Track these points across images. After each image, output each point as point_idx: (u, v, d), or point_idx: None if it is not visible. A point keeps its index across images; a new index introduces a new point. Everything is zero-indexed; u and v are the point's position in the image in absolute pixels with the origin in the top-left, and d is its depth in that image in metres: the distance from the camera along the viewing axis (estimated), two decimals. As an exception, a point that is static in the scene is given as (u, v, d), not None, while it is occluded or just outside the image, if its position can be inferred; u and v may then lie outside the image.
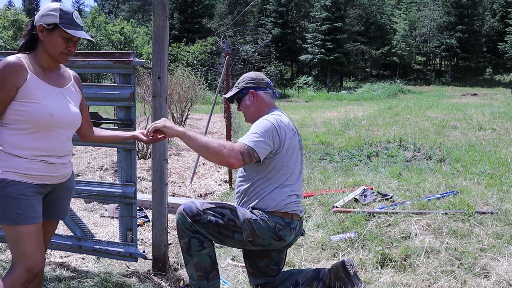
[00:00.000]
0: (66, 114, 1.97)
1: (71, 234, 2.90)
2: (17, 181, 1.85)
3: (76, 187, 2.79)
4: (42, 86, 1.92)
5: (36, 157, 1.90)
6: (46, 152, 1.93)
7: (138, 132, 2.31)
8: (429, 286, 2.59)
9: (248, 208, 2.28)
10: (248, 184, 2.30)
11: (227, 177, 5.55)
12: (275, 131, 2.19)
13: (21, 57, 1.90)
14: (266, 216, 2.22)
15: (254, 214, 2.23)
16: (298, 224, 2.33)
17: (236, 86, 2.45)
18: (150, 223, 3.51)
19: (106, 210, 4.24)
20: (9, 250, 3.19)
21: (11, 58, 1.88)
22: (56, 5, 1.95)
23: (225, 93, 3.83)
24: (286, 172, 2.27)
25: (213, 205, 2.26)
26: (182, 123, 10.75)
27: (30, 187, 1.88)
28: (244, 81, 2.42)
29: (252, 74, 2.47)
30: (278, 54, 41.71)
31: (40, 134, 1.90)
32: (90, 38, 1.98)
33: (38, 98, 1.89)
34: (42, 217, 1.93)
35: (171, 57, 30.99)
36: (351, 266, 2.32)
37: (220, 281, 2.47)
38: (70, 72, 2.14)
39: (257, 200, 2.27)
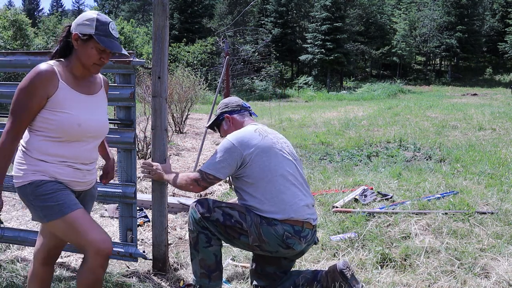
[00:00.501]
0: (94, 124, 1.97)
1: (71, 234, 2.89)
2: (46, 180, 1.88)
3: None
4: (72, 95, 1.91)
5: (62, 163, 1.92)
6: (72, 159, 1.94)
7: (109, 165, 2.39)
8: (429, 286, 2.59)
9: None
10: (243, 199, 2.30)
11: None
12: (233, 146, 2.27)
13: (53, 65, 1.89)
14: (276, 222, 2.20)
15: (264, 220, 2.21)
16: (309, 233, 2.28)
17: (214, 114, 2.61)
18: (150, 223, 3.51)
19: (106, 210, 4.24)
20: (9, 250, 3.19)
21: (43, 66, 1.86)
22: (93, 14, 1.92)
23: (225, 93, 3.84)
24: (270, 176, 2.24)
25: (224, 205, 2.28)
26: (182, 123, 10.74)
27: (60, 183, 1.91)
28: (219, 108, 2.57)
29: (226, 100, 2.61)
30: (278, 54, 41.71)
31: (67, 143, 1.91)
32: (125, 52, 1.97)
33: (67, 107, 1.88)
34: None
35: (171, 57, 30.99)
36: (348, 269, 2.30)
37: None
38: (101, 77, 2.13)
39: (259, 210, 2.24)
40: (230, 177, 2.39)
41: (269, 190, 2.24)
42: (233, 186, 2.38)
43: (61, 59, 1.96)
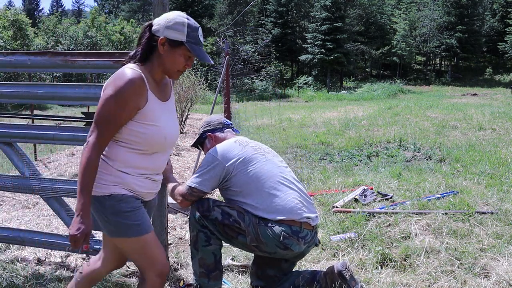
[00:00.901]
0: (175, 133, 1.91)
1: (71, 234, 2.89)
2: (126, 195, 1.80)
3: (76, 187, 2.79)
4: (158, 105, 1.80)
5: (142, 175, 1.84)
6: (152, 171, 1.88)
7: (167, 169, 2.32)
8: (429, 286, 2.59)
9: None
10: (239, 205, 2.30)
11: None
12: (214, 159, 2.29)
13: (140, 71, 1.74)
14: (273, 223, 2.20)
15: (262, 221, 2.21)
16: (309, 234, 2.26)
17: (197, 133, 2.64)
18: (150, 223, 3.51)
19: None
20: (9, 250, 3.19)
21: (132, 73, 1.71)
22: (183, 18, 1.80)
23: (225, 93, 3.85)
24: (257, 181, 2.25)
25: (223, 204, 2.29)
26: (182, 123, 10.75)
27: (137, 199, 1.85)
28: (202, 127, 2.60)
29: (207, 118, 2.64)
30: (278, 54, 41.73)
31: (150, 155, 1.83)
32: (212, 62, 1.89)
33: (155, 120, 1.78)
34: None
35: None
36: (346, 270, 2.30)
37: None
38: (169, 79, 1.97)
39: (257, 213, 2.24)
40: (219, 190, 2.40)
41: (259, 194, 2.24)
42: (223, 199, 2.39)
43: (139, 63, 1.79)
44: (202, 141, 2.57)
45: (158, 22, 1.79)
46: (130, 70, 1.73)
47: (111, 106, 1.69)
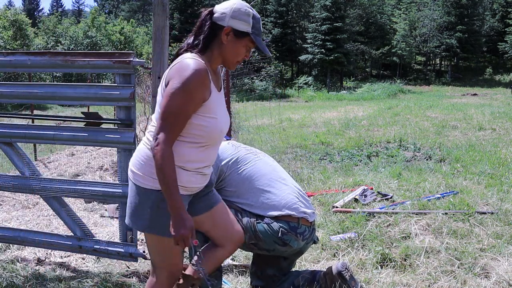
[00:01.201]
0: (227, 125, 1.84)
1: (71, 234, 2.89)
2: None
3: (76, 187, 2.79)
4: (217, 96, 1.75)
5: (197, 169, 1.79)
6: (206, 163, 1.82)
7: None
8: (429, 286, 2.59)
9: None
10: (236, 205, 2.31)
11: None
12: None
13: (203, 61, 1.67)
14: (271, 220, 2.20)
15: (259, 218, 2.21)
16: (306, 230, 2.26)
17: None
18: (150, 223, 3.51)
19: (106, 210, 4.24)
20: (9, 250, 3.19)
21: (197, 64, 1.63)
22: (248, 8, 1.73)
23: (225, 93, 3.86)
24: (251, 179, 2.26)
25: None
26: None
27: (185, 199, 1.78)
28: None
29: None
30: (278, 54, 41.68)
31: (206, 148, 1.78)
32: (270, 54, 1.85)
33: (215, 112, 1.73)
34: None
35: (171, 57, 30.92)
36: (346, 270, 2.30)
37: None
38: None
39: (253, 211, 2.25)
40: None
41: (254, 192, 2.25)
42: None
43: (199, 53, 1.71)
44: None
45: (222, 10, 1.72)
46: (193, 60, 1.65)
47: (179, 98, 1.61)
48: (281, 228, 2.18)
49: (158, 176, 1.64)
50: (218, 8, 1.73)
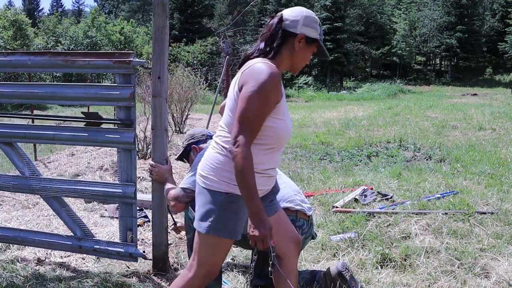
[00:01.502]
0: (291, 126, 1.88)
1: (71, 234, 2.90)
2: (240, 196, 1.73)
3: (76, 187, 2.79)
4: (284, 99, 1.80)
5: (264, 172, 1.80)
6: (272, 166, 1.84)
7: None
8: (429, 286, 2.59)
9: None
10: None
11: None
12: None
13: (274, 65, 1.72)
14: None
15: None
16: (305, 224, 2.28)
17: (182, 146, 2.70)
18: (150, 223, 3.51)
19: (106, 210, 4.24)
20: (9, 250, 3.19)
21: (270, 67, 1.69)
22: (315, 16, 1.82)
23: (225, 93, 3.86)
24: None
25: None
26: (182, 123, 10.75)
27: None
28: (186, 140, 2.67)
29: (191, 131, 2.71)
30: (278, 54, 41.62)
31: (274, 151, 1.81)
32: (329, 57, 1.90)
33: (284, 114, 1.77)
34: None
35: (171, 57, 30.99)
36: (346, 270, 2.31)
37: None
38: None
39: None
40: None
41: None
42: None
43: (269, 58, 1.77)
44: (187, 154, 2.64)
45: (293, 18, 1.79)
46: (266, 64, 1.70)
47: (256, 101, 1.65)
48: None
49: (237, 178, 1.65)
50: (288, 16, 1.80)
